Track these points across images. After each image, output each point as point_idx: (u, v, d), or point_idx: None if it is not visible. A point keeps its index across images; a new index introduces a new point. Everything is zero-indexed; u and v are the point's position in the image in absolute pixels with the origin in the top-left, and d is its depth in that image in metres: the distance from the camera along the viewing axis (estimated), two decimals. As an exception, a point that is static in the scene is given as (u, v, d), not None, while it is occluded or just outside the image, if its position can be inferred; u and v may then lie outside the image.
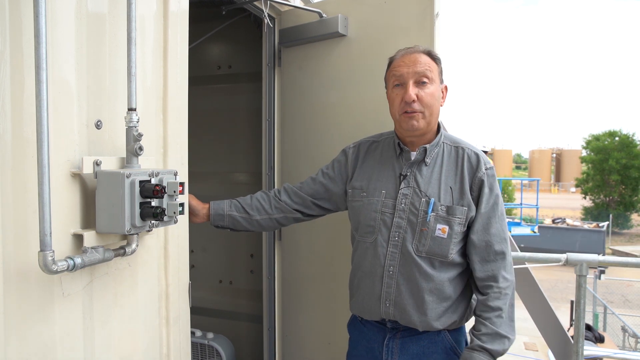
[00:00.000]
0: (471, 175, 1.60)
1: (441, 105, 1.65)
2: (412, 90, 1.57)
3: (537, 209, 18.69)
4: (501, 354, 1.53)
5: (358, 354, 1.75)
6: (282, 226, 1.91)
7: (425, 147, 1.63)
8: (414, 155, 1.65)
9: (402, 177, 1.64)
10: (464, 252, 1.62)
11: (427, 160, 1.63)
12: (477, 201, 1.59)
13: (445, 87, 1.68)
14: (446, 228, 1.56)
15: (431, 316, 1.58)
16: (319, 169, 1.88)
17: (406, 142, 1.67)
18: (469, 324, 1.67)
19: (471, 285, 1.67)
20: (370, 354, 1.70)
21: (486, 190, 1.59)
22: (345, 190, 1.79)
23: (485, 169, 1.61)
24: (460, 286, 1.63)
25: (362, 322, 1.74)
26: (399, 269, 1.60)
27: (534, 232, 16.00)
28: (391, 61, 1.68)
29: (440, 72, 1.65)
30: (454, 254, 1.58)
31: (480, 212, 1.58)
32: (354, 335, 1.79)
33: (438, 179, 1.61)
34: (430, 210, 1.57)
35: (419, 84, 1.58)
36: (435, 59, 1.63)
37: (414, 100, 1.56)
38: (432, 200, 1.57)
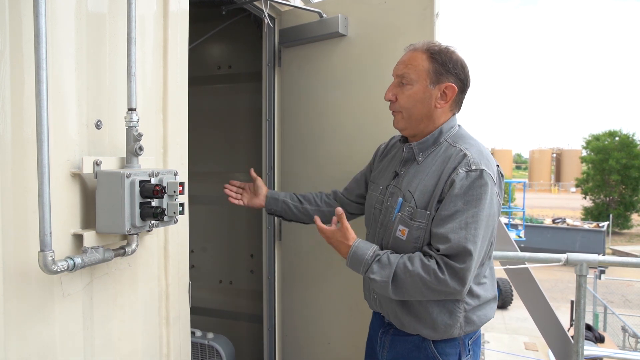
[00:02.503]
0: (447, 175, 1.45)
1: (437, 107, 1.53)
2: (390, 91, 1.59)
3: (524, 212, 18.49)
4: (369, 278, 1.49)
5: (368, 340, 1.82)
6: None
7: (412, 145, 1.59)
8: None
9: (395, 174, 1.65)
10: None
11: (419, 159, 1.57)
12: (444, 201, 1.44)
13: (447, 87, 1.52)
14: (405, 230, 1.51)
15: (399, 317, 1.57)
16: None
17: (409, 141, 1.65)
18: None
19: (450, 302, 1.50)
20: (371, 341, 1.77)
21: (455, 191, 1.41)
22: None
23: (467, 170, 1.43)
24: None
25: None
26: None
27: (519, 237, 15.82)
28: None
29: (435, 72, 1.51)
30: None
31: (441, 212, 1.43)
32: (371, 321, 1.83)
33: (422, 179, 1.52)
34: (397, 210, 1.54)
35: (400, 85, 1.56)
36: (433, 57, 1.51)
37: (390, 100, 1.59)
38: (400, 200, 1.54)
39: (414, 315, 1.54)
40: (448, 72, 1.52)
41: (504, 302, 11.22)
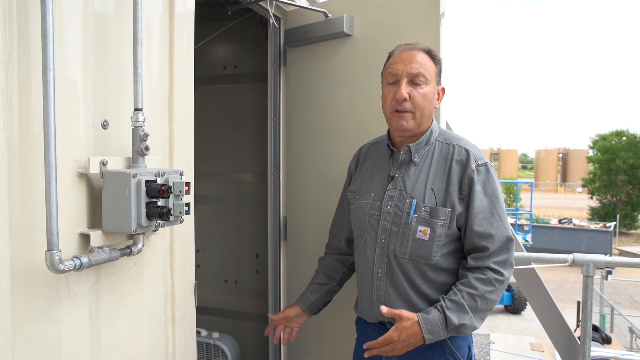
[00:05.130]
0: (460, 174, 1.52)
1: (435, 107, 1.61)
2: (405, 89, 1.53)
3: (531, 214, 17.99)
4: (456, 327, 1.45)
5: (361, 354, 1.75)
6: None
7: (409, 147, 1.59)
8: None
9: (390, 178, 1.62)
10: (454, 257, 1.56)
11: (416, 160, 1.59)
12: (469, 200, 1.51)
13: (442, 89, 1.64)
14: (427, 230, 1.51)
15: None
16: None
17: (397, 143, 1.65)
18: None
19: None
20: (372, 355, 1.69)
21: (478, 187, 1.50)
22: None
23: (477, 166, 1.52)
24: None
25: (366, 322, 1.75)
26: (386, 271, 1.59)
27: (526, 241, 15.48)
28: (389, 56, 1.63)
29: (438, 74, 1.60)
30: (438, 258, 1.53)
31: (473, 211, 1.49)
32: (359, 334, 1.80)
33: (425, 179, 1.55)
34: (412, 211, 1.53)
35: (413, 83, 1.54)
36: (434, 59, 1.59)
37: (405, 99, 1.53)
38: (415, 201, 1.53)
39: None
40: (439, 75, 1.62)
41: (517, 308, 10.99)
